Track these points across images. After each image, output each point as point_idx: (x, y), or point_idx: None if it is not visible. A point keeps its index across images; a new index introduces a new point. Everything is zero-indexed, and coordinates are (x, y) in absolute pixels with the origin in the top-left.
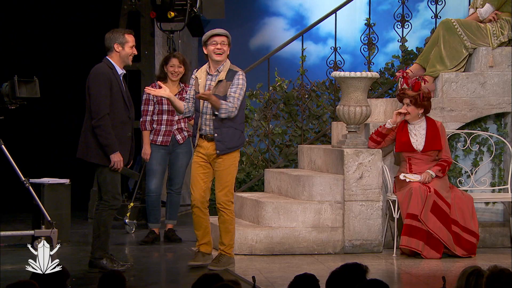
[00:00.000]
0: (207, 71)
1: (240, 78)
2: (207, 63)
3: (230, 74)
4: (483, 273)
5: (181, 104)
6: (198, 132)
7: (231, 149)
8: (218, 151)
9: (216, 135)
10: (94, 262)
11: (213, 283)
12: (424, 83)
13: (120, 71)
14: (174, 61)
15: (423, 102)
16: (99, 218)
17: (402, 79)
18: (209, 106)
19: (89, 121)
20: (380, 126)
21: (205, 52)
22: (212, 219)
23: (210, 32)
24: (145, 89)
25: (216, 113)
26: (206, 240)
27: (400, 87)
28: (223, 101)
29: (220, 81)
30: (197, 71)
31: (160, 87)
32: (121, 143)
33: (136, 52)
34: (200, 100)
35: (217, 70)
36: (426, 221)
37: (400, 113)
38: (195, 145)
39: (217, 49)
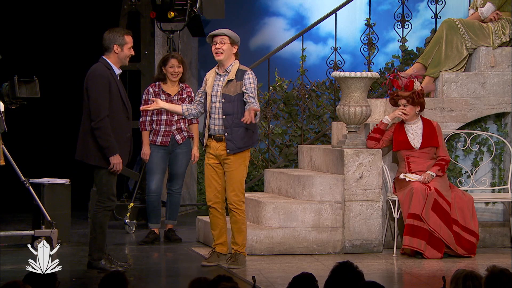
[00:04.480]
0: (216, 72)
1: (251, 77)
2: (217, 64)
3: (240, 74)
4: (476, 275)
5: (178, 108)
6: (207, 132)
7: (241, 149)
8: (228, 151)
9: (226, 134)
10: (93, 264)
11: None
12: (417, 80)
13: (118, 71)
14: (173, 62)
15: (419, 99)
16: (94, 219)
17: (390, 83)
18: (218, 105)
19: (88, 122)
20: (377, 124)
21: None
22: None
23: (210, 33)
24: (140, 108)
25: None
26: (222, 240)
27: (389, 91)
28: (253, 107)
29: (230, 80)
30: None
31: (160, 87)
32: (121, 144)
33: (133, 53)
34: (208, 100)
35: (226, 70)
36: (427, 219)
37: (402, 113)
38: (204, 145)
39: (216, 48)
